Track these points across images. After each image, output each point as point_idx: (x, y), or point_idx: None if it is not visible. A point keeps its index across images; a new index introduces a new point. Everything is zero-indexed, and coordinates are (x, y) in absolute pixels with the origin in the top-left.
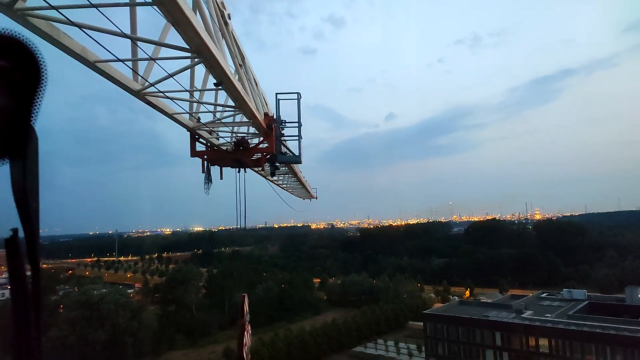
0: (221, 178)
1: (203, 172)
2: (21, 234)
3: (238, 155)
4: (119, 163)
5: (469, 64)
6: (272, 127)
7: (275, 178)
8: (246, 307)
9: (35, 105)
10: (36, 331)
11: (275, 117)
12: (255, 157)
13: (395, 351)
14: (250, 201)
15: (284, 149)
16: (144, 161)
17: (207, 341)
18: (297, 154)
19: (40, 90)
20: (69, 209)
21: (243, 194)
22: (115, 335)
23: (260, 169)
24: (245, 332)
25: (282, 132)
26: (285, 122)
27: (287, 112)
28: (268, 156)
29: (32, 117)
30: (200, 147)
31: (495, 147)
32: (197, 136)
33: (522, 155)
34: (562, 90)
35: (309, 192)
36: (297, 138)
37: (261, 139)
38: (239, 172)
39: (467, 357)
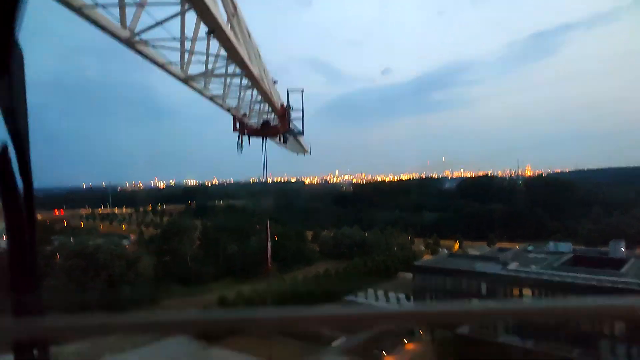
0: (249, 144)
1: (239, 142)
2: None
3: (264, 131)
4: (112, 116)
5: (468, 17)
6: (284, 114)
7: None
8: (268, 228)
9: (18, 16)
10: (32, 250)
11: (286, 106)
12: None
13: (385, 300)
14: (243, 155)
15: (291, 125)
16: (137, 113)
17: (201, 290)
18: (299, 128)
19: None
20: (61, 161)
21: (265, 157)
22: (111, 283)
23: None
24: (268, 239)
25: (290, 113)
26: (292, 107)
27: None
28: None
29: (15, 29)
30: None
31: (490, 104)
32: (236, 120)
33: (516, 111)
34: (561, 45)
35: (303, 147)
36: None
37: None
38: (263, 140)
39: None
